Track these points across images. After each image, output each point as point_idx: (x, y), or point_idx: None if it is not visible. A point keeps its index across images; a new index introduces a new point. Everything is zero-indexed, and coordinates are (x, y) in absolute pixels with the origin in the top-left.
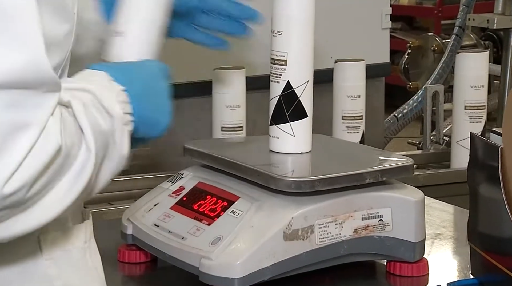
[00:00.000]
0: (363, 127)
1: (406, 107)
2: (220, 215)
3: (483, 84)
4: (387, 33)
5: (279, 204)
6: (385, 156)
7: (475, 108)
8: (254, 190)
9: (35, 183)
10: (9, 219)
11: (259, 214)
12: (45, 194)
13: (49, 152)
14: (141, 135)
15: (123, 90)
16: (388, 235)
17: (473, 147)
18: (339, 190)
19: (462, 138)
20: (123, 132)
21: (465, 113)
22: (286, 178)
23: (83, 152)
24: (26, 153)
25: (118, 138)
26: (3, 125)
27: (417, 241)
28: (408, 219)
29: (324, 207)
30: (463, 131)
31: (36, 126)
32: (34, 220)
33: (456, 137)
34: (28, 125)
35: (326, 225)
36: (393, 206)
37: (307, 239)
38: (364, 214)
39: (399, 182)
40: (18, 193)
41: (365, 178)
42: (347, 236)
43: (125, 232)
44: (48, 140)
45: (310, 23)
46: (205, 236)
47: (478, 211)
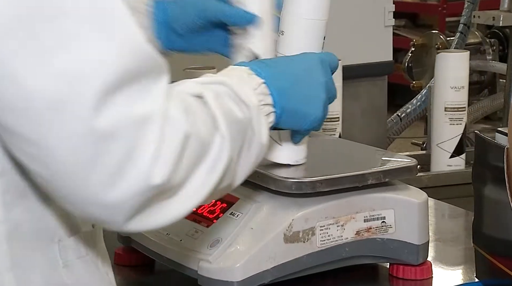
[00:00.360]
0: (339, 129)
1: (409, 107)
2: (219, 217)
3: (464, 85)
4: (390, 30)
5: (280, 206)
6: (387, 156)
7: (455, 109)
8: (254, 191)
9: (176, 171)
10: (156, 209)
11: (259, 215)
12: (186, 183)
13: (178, 139)
14: (289, 126)
15: (263, 82)
16: (391, 238)
17: (478, 148)
18: (340, 191)
19: (441, 141)
20: (261, 122)
21: (445, 115)
22: (287, 179)
23: (218, 140)
24: (157, 143)
25: (256, 127)
26: (129, 122)
27: (421, 243)
28: (412, 221)
29: (325, 208)
30: (443, 133)
31: (158, 114)
32: (177, 210)
33: (436, 139)
34: (151, 115)
35: (327, 227)
36: (396, 207)
37: (308, 242)
38: (366, 215)
39: (402, 183)
40: (165, 182)
41: (367, 179)
42: (349, 238)
43: (122, 235)
44: (174, 127)
45: (317, 26)
46: (203, 238)
47: (483, 213)
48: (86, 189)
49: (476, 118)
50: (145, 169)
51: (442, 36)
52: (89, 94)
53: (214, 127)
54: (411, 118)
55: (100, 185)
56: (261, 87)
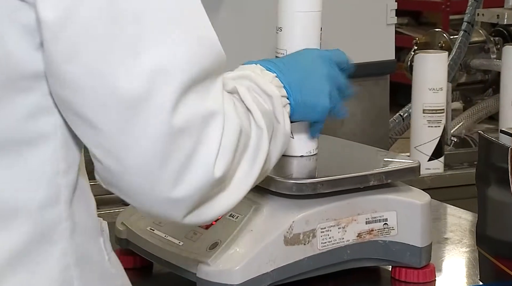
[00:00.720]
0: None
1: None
2: (218, 219)
3: (442, 87)
4: (392, 29)
5: (280, 207)
6: (390, 157)
7: (433, 112)
8: (254, 193)
9: (232, 164)
10: (210, 202)
11: (258, 217)
12: (235, 175)
13: (235, 132)
14: (301, 118)
15: (275, 76)
16: (393, 240)
17: (481, 148)
18: (342, 193)
19: (420, 144)
20: (283, 112)
21: (423, 117)
22: (287, 180)
23: (255, 131)
24: (220, 137)
25: (280, 117)
26: (199, 118)
27: (424, 246)
28: (414, 223)
29: (326, 210)
30: (421, 136)
31: (219, 110)
32: (226, 202)
33: (414, 142)
34: (214, 111)
35: (328, 229)
36: (398, 209)
37: (309, 244)
38: (368, 217)
39: (405, 185)
40: (223, 176)
41: (369, 180)
42: (350, 240)
43: (119, 237)
44: (231, 122)
45: (312, 18)
46: (202, 240)
47: (487, 214)
48: (156, 185)
49: (480, 117)
50: (210, 163)
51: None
52: (170, 92)
53: (252, 120)
54: None
55: (169, 180)
56: (275, 80)
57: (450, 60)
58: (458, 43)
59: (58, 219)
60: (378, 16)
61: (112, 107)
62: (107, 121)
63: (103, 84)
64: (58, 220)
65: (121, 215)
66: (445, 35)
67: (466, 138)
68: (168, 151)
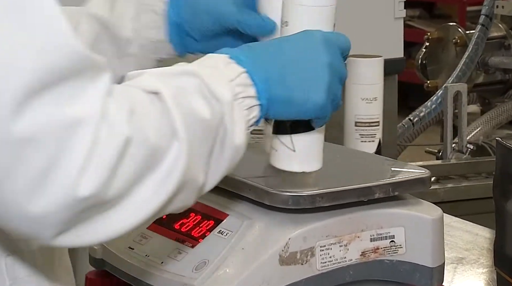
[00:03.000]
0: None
1: (423, 110)
2: (205, 236)
3: (377, 96)
4: (400, 23)
5: (274, 223)
6: (397, 167)
7: (366, 125)
8: (246, 207)
9: (113, 180)
10: (93, 222)
11: (251, 234)
12: (131, 194)
13: (116, 144)
14: (288, 117)
15: (244, 72)
16: (401, 259)
17: (500, 157)
18: (343, 207)
19: None
20: (235, 119)
21: (355, 131)
22: (282, 193)
23: (175, 145)
24: (89, 150)
25: (229, 126)
26: (54, 127)
27: (435, 266)
28: (425, 240)
29: (326, 226)
30: None
31: (90, 118)
32: (121, 223)
33: None
34: (83, 118)
35: (328, 247)
36: (406, 225)
37: (307, 264)
38: (373, 234)
39: (414, 198)
40: (96, 194)
41: (374, 193)
42: (353, 260)
43: (94, 257)
44: (112, 131)
45: (323, 13)
46: (188, 260)
47: (505, 231)
48: (8, 198)
49: (499, 122)
50: (70, 180)
51: (460, 29)
52: (7, 95)
53: (171, 130)
54: (425, 123)
55: (22, 194)
56: (240, 77)
57: (465, 58)
58: (475, 39)
59: None
60: (385, 8)
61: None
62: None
63: None
64: None
65: None
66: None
67: (484, 145)
68: (12, 162)
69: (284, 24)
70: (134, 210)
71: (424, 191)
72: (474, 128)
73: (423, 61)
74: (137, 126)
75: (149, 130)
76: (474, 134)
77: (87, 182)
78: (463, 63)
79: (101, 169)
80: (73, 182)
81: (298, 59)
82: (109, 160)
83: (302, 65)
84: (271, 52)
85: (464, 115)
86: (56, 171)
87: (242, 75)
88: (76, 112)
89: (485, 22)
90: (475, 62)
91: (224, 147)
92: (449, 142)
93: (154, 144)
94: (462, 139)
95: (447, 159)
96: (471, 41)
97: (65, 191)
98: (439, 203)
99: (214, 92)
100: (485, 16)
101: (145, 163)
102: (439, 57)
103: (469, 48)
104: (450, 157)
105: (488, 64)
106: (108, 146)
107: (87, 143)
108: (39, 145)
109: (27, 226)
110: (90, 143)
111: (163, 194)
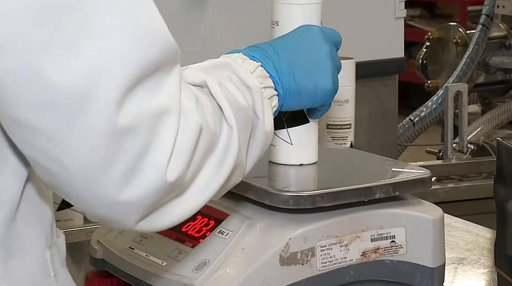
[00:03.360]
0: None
1: (424, 110)
2: (206, 236)
3: (348, 98)
4: (401, 23)
5: (275, 223)
6: (398, 167)
7: (338, 127)
8: (246, 207)
9: (190, 165)
10: (166, 208)
11: (251, 234)
12: (196, 178)
13: (193, 132)
14: (299, 106)
15: (260, 65)
16: (402, 259)
17: (500, 157)
18: (344, 207)
19: None
20: (265, 106)
21: (327, 133)
22: (283, 193)
23: (225, 130)
24: (175, 138)
25: (259, 112)
26: (148, 117)
27: (436, 266)
28: (425, 240)
29: (327, 226)
30: None
31: (173, 108)
32: (186, 207)
33: None
34: (167, 109)
35: (329, 247)
36: (407, 225)
37: (307, 264)
38: (374, 234)
39: (415, 198)
40: (179, 178)
41: (375, 193)
42: (354, 260)
43: (95, 257)
44: (189, 121)
45: (312, 11)
46: (188, 260)
47: (506, 231)
48: (102, 187)
49: (500, 122)
50: (162, 166)
51: (461, 29)
52: (113, 89)
53: (221, 117)
54: (425, 123)
55: (116, 183)
56: (258, 70)
57: (466, 57)
58: (476, 39)
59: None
60: (385, 8)
61: (51, 105)
62: (46, 120)
63: (39, 79)
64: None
65: (97, 233)
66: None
67: (484, 145)
68: (113, 151)
69: (275, 24)
70: (199, 192)
71: (424, 191)
72: (474, 128)
73: (424, 61)
74: (202, 115)
75: (209, 118)
76: (475, 134)
77: (174, 168)
78: (464, 63)
79: (184, 155)
80: (164, 168)
81: (303, 51)
82: (189, 146)
83: (307, 56)
84: (277, 49)
85: (464, 115)
86: (149, 158)
87: (259, 68)
88: (162, 102)
89: (486, 22)
90: (475, 62)
91: (257, 133)
92: (449, 142)
93: (213, 130)
94: (463, 139)
95: (448, 159)
96: (472, 41)
97: (157, 177)
98: (440, 203)
99: (245, 81)
100: (486, 16)
101: (208, 148)
102: (439, 57)
103: (469, 48)
104: (451, 157)
105: (488, 64)
106: (188, 134)
107: (173, 131)
108: (136, 135)
109: (117, 212)
110: (175, 131)
111: (221, 176)
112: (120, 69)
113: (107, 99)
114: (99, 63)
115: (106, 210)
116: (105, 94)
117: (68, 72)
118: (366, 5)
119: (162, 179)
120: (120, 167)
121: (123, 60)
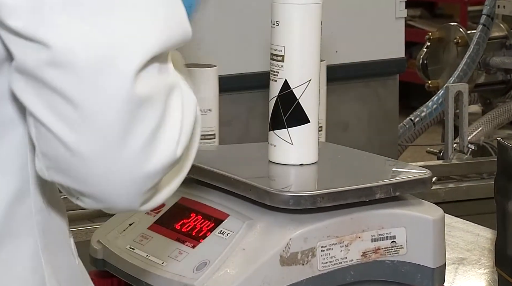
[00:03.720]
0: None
1: (424, 110)
2: (206, 236)
3: (211, 107)
4: (401, 23)
5: (275, 223)
6: (398, 167)
7: (202, 138)
8: (246, 207)
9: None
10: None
11: (251, 234)
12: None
13: (193, 107)
14: None
15: None
16: (402, 260)
17: (501, 157)
18: (344, 207)
19: None
20: None
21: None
22: (283, 193)
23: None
24: (181, 111)
25: None
26: (161, 89)
27: (436, 266)
28: (426, 241)
29: (327, 226)
30: None
31: (177, 84)
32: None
33: None
34: (174, 84)
35: (329, 247)
36: (408, 225)
37: (308, 264)
38: (374, 234)
39: (415, 198)
40: (182, 154)
41: (375, 193)
42: (354, 260)
43: (95, 257)
44: (188, 97)
45: (312, 11)
46: (188, 260)
47: (507, 232)
48: (119, 160)
49: (500, 123)
50: (175, 139)
51: (461, 29)
52: (135, 59)
53: None
54: (426, 123)
55: (135, 156)
56: None
57: (466, 58)
58: (476, 39)
59: (28, 212)
60: (386, 8)
61: (74, 66)
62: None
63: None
64: (28, 214)
65: (97, 233)
66: (461, 30)
67: (485, 145)
68: (132, 121)
69: (275, 24)
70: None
71: (425, 191)
72: (475, 128)
73: (424, 61)
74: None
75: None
76: (475, 134)
77: (181, 142)
78: (464, 63)
79: (188, 130)
80: (176, 143)
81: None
82: (191, 122)
83: None
84: None
85: (465, 115)
86: (164, 131)
87: None
88: (170, 78)
89: (487, 22)
90: (476, 62)
91: None
92: (450, 142)
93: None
94: (463, 139)
95: (448, 160)
96: (472, 41)
97: (170, 150)
98: (440, 204)
99: None
100: (486, 16)
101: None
102: (440, 57)
103: (470, 48)
104: (451, 158)
105: (489, 64)
106: (189, 109)
107: (180, 105)
108: (153, 105)
109: (127, 189)
110: (181, 106)
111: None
112: (143, 43)
113: (128, 68)
114: (124, 32)
115: (120, 186)
116: (127, 63)
117: (90, 37)
118: (366, 5)
119: (174, 153)
120: (139, 138)
121: (148, 37)
